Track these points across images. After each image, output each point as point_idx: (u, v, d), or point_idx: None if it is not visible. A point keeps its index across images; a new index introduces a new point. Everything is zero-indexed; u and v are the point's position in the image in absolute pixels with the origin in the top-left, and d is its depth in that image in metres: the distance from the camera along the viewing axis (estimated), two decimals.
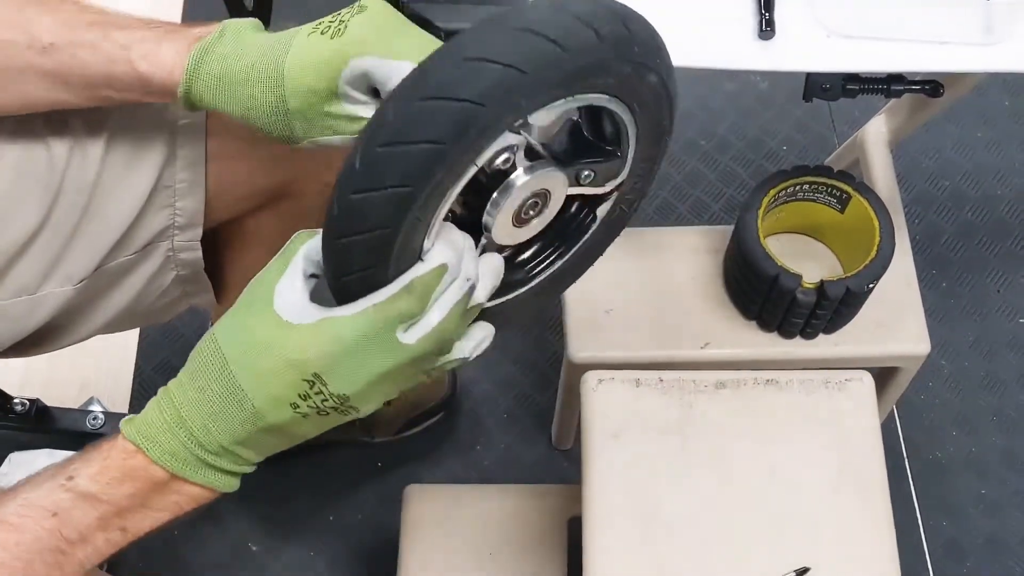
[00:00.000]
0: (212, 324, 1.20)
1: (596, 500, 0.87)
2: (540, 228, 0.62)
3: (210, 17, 0.86)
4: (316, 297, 0.58)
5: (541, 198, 0.59)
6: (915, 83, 0.92)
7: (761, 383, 0.92)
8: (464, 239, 0.57)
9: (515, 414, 1.36)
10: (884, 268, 0.98)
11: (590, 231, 0.66)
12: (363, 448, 1.32)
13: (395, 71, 0.60)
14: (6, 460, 1.21)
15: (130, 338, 1.40)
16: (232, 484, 0.61)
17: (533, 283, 0.66)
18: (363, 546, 1.28)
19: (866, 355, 1.06)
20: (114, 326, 0.86)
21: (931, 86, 0.92)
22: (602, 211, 0.65)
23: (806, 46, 0.82)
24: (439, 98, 0.51)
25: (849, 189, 1.01)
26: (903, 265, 1.08)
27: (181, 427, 0.57)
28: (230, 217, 0.87)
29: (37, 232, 0.76)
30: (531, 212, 0.60)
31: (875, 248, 0.98)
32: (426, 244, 0.56)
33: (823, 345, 1.05)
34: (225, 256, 0.94)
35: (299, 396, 0.56)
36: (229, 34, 0.66)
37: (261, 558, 1.27)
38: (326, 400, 0.56)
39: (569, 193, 0.61)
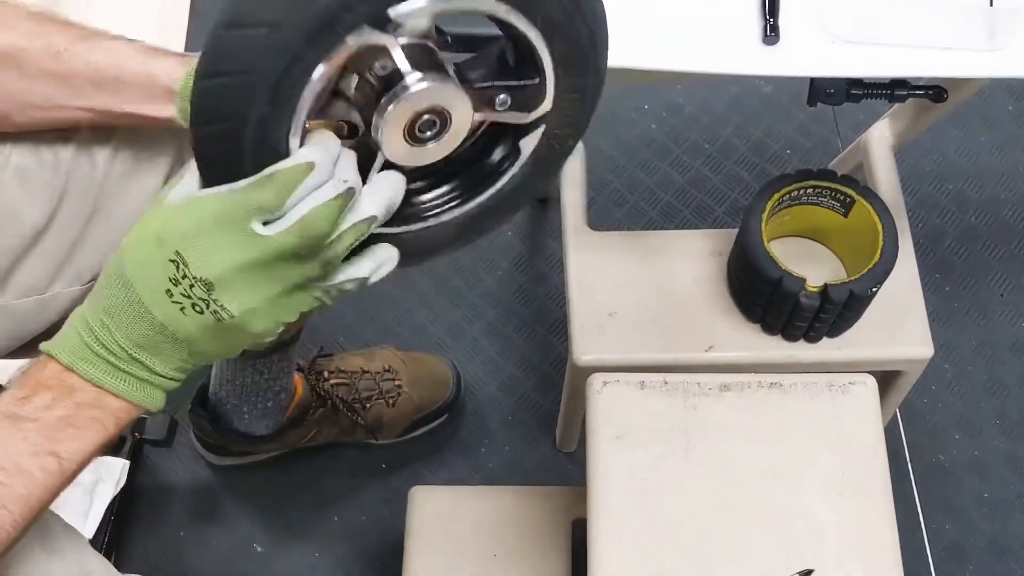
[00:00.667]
0: None
1: (601, 502, 0.87)
2: (444, 152, 0.59)
3: None
4: None
5: (439, 116, 0.56)
6: (919, 88, 0.92)
7: (765, 386, 0.92)
8: (340, 147, 0.56)
9: (519, 416, 1.37)
10: (887, 272, 0.98)
11: (515, 165, 0.63)
12: (367, 450, 1.33)
13: None
14: None
15: None
16: (148, 398, 0.60)
17: (454, 214, 0.64)
18: (367, 547, 1.29)
19: (869, 358, 1.07)
20: None
21: (934, 91, 0.93)
22: (527, 145, 0.62)
23: (810, 51, 0.82)
24: None
25: (852, 193, 1.02)
26: (906, 269, 1.08)
27: (85, 328, 0.57)
28: None
29: (43, 232, 0.76)
30: (427, 131, 0.57)
31: (878, 252, 0.99)
32: (293, 145, 0.55)
33: (827, 348, 1.06)
34: None
35: (170, 280, 0.55)
36: None
37: (266, 559, 1.28)
38: (193, 286, 0.55)
39: (488, 119, 0.59)
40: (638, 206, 1.52)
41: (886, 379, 1.11)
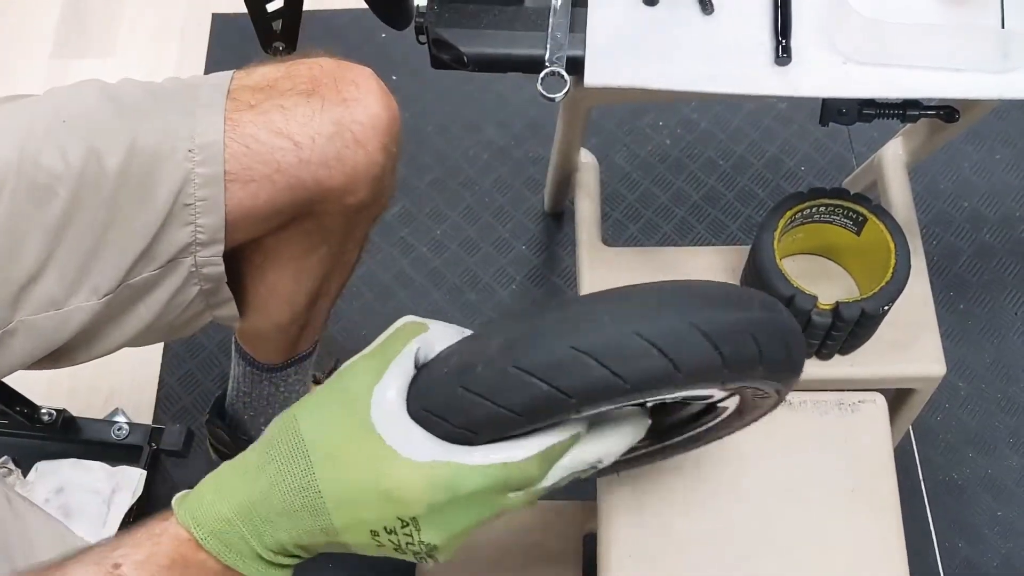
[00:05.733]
0: (236, 340, 1.21)
1: (611, 516, 0.88)
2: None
3: (236, 45, 0.88)
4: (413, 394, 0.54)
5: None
6: (930, 108, 0.93)
7: None
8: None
9: None
10: (899, 291, 0.98)
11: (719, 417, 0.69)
12: None
13: None
14: (32, 469, 1.24)
15: (154, 351, 1.42)
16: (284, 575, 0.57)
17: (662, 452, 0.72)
18: (380, 560, 1.29)
19: (881, 376, 1.07)
20: (141, 339, 0.87)
21: (946, 111, 0.93)
22: (729, 404, 0.67)
23: (822, 72, 0.83)
24: (600, 366, 0.50)
25: (865, 212, 1.02)
26: (919, 287, 1.08)
27: (245, 521, 0.54)
28: (253, 236, 0.88)
29: (58, 243, 0.77)
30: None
31: (891, 270, 0.99)
32: None
33: (839, 366, 1.06)
34: (247, 273, 0.95)
35: (384, 529, 0.53)
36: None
37: None
38: (411, 544, 0.53)
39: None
40: (652, 221, 1.52)
41: (899, 397, 1.11)
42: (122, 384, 1.38)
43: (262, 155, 0.78)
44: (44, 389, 1.33)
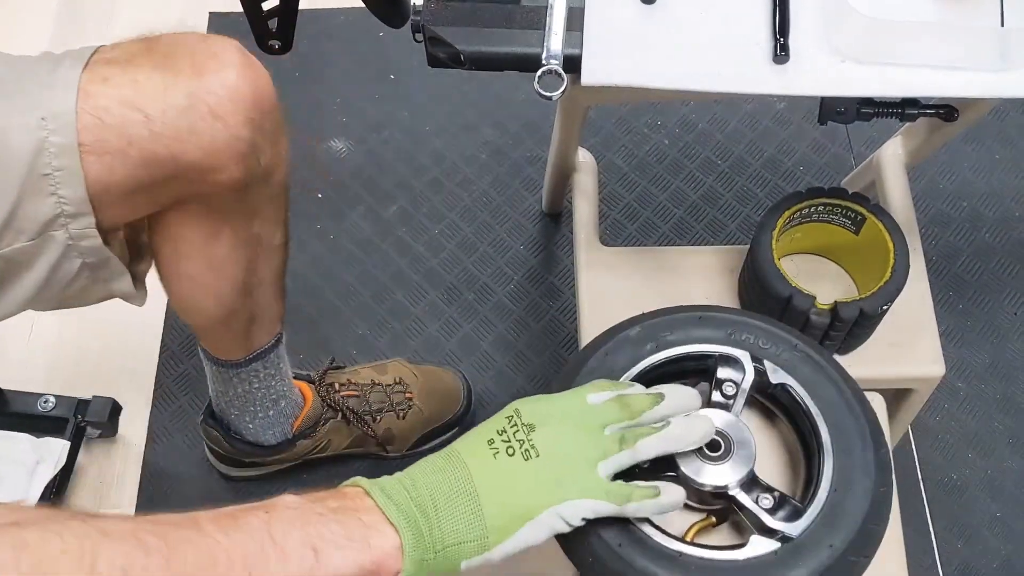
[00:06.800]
0: (201, 346, 1.21)
1: None
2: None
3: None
4: None
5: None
6: (929, 107, 0.92)
7: None
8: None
9: None
10: (898, 290, 0.98)
11: None
12: (378, 462, 1.33)
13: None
14: None
15: (151, 351, 1.42)
16: (414, 551, 0.65)
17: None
18: None
19: (880, 377, 1.06)
20: (33, 307, 0.87)
21: (945, 110, 0.93)
22: None
23: (820, 70, 0.82)
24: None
25: (863, 211, 1.02)
26: (918, 287, 1.08)
27: (398, 479, 0.69)
28: (136, 215, 0.87)
29: None
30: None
31: (889, 270, 0.98)
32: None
33: None
34: (162, 265, 0.97)
35: (497, 432, 0.68)
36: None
37: None
38: (517, 430, 0.68)
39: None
40: (650, 221, 1.52)
41: (898, 397, 1.11)
42: (119, 384, 1.37)
43: (114, 127, 0.77)
44: (42, 382, 1.32)
